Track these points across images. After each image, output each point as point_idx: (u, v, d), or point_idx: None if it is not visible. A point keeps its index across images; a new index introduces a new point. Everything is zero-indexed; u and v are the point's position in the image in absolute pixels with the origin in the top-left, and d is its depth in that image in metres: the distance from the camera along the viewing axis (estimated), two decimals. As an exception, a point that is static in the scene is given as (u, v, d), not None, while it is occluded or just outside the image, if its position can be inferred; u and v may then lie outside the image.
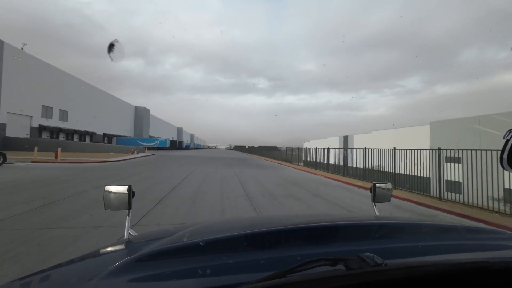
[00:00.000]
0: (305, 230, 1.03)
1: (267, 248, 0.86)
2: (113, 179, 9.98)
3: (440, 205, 7.02)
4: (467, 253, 0.90)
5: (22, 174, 10.26)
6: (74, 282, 0.69)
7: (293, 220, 1.34)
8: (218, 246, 0.85)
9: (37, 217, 4.62)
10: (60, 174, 10.60)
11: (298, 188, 9.48)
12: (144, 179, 10.13)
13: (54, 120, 33.21)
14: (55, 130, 32.75)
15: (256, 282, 0.54)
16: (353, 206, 6.83)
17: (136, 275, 0.67)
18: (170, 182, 9.46)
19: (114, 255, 0.93)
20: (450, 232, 1.12)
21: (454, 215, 6.20)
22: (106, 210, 1.38)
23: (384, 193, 1.57)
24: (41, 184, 8.12)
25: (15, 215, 4.69)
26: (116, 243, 1.06)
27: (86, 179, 9.57)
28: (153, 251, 0.80)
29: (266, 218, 1.97)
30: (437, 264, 0.63)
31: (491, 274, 0.62)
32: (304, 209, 6.25)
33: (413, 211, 6.61)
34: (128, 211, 1.40)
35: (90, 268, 0.82)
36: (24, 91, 27.97)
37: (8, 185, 7.69)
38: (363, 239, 1.01)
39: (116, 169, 14.02)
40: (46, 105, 31.68)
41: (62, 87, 34.76)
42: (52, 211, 5.03)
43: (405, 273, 0.56)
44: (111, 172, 12.22)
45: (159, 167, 16.08)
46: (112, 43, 2.76)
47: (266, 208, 6.01)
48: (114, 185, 1.37)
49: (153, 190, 7.78)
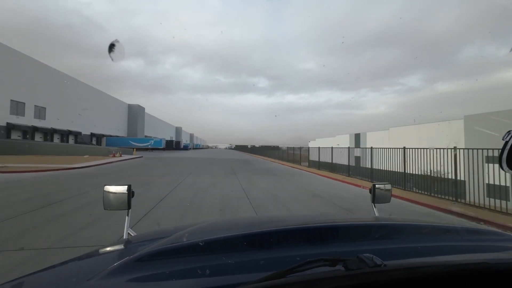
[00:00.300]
0: (305, 231, 1.03)
1: (267, 248, 0.86)
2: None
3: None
4: (467, 254, 0.89)
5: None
6: (74, 282, 0.69)
7: (293, 221, 1.38)
8: (217, 246, 0.84)
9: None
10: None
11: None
12: (62, 217, 5.06)
13: (28, 118, 28.61)
14: (29, 130, 28.17)
15: (256, 282, 0.54)
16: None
17: (136, 275, 0.67)
18: (110, 224, 4.45)
19: (114, 255, 0.94)
20: (450, 233, 1.12)
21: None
22: (106, 210, 1.39)
23: (383, 194, 1.57)
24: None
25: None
26: (116, 243, 1.08)
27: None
28: (152, 251, 0.80)
29: (265, 218, 1.96)
30: (436, 265, 0.63)
31: (491, 275, 0.61)
32: None
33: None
34: (128, 211, 1.41)
35: (90, 268, 0.82)
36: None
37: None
38: (363, 239, 1.01)
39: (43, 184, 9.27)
40: (16, 100, 27.15)
41: (38, 80, 30.06)
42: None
43: (405, 274, 0.56)
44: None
45: (132, 177, 11.47)
46: (113, 43, 2.75)
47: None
48: (114, 185, 1.39)
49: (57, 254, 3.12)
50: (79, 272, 0.79)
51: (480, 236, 1.06)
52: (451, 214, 6.11)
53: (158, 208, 5.74)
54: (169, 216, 5.19)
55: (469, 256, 0.87)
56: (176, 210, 5.70)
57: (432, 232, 1.10)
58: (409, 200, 7.61)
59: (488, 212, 5.99)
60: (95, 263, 0.88)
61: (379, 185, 1.57)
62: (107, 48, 2.87)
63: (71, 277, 0.73)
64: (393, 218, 1.54)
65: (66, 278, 0.75)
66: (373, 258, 0.57)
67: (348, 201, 7.46)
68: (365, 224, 1.18)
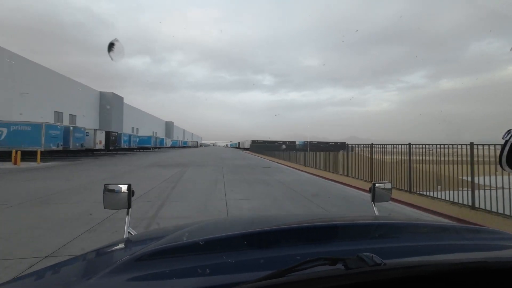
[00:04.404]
0: (304, 230, 1.03)
1: (266, 248, 0.86)
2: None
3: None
4: (466, 253, 0.90)
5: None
6: (74, 281, 0.69)
7: (292, 220, 1.36)
8: (217, 245, 0.84)
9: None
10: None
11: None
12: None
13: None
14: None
15: (255, 281, 0.53)
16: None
17: (136, 274, 0.67)
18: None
19: (114, 254, 0.94)
20: (449, 232, 1.12)
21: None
22: (106, 209, 1.38)
23: (383, 193, 1.59)
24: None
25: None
26: (116, 242, 1.07)
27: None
28: (152, 250, 0.80)
29: (265, 218, 1.93)
30: (436, 264, 0.63)
31: (490, 274, 0.61)
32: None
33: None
34: (128, 210, 1.40)
35: (90, 267, 0.83)
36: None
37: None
38: (362, 238, 1.01)
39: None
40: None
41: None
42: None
43: (404, 272, 0.56)
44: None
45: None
46: (112, 42, 2.59)
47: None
48: (114, 184, 1.38)
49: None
50: (79, 271, 0.80)
51: (479, 235, 1.07)
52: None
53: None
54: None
55: (468, 255, 0.88)
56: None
57: (432, 231, 1.11)
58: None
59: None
60: (95, 262, 0.89)
61: (379, 184, 1.60)
62: (107, 47, 2.64)
63: (72, 276, 0.74)
64: (393, 217, 1.62)
65: (66, 277, 0.75)
66: (373, 257, 0.56)
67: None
68: (364, 223, 1.18)
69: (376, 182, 1.59)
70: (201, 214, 5.44)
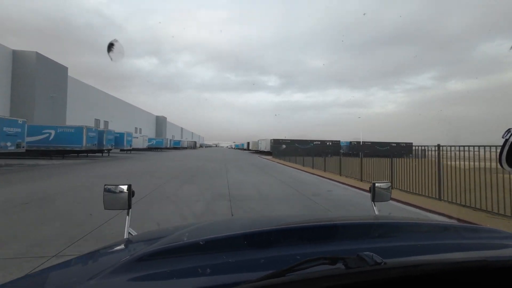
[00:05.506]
0: (304, 229, 1.03)
1: (267, 247, 0.85)
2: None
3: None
4: (466, 252, 0.89)
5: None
6: (75, 281, 0.69)
7: (292, 220, 1.34)
8: (217, 245, 0.84)
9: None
10: None
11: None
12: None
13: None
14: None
15: (256, 281, 0.53)
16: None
17: (137, 274, 0.67)
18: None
19: (115, 255, 0.93)
20: (449, 231, 1.12)
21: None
22: (106, 209, 1.37)
23: (383, 193, 1.59)
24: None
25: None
26: (116, 243, 1.06)
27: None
28: (153, 250, 0.79)
29: (265, 218, 1.95)
30: (436, 263, 0.62)
31: (490, 273, 0.61)
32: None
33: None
34: (128, 211, 1.40)
35: (91, 267, 0.82)
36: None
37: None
38: (362, 238, 1.01)
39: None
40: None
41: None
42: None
43: (405, 272, 0.56)
44: None
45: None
46: (112, 42, 2.60)
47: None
48: (114, 184, 1.37)
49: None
50: (80, 271, 0.79)
51: (479, 234, 1.06)
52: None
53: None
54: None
55: (468, 254, 0.87)
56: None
57: (431, 230, 1.10)
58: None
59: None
60: (96, 262, 0.88)
61: (379, 184, 1.60)
62: (107, 47, 2.65)
63: (72, 277, 0.74)
64: (393, 216, 1.59)
65: (67, 277, 0.75)
66: (373, 256, 0.56)
67: None
68: (364, 223, 1.18)
69: (376, 182, 1.60)
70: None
